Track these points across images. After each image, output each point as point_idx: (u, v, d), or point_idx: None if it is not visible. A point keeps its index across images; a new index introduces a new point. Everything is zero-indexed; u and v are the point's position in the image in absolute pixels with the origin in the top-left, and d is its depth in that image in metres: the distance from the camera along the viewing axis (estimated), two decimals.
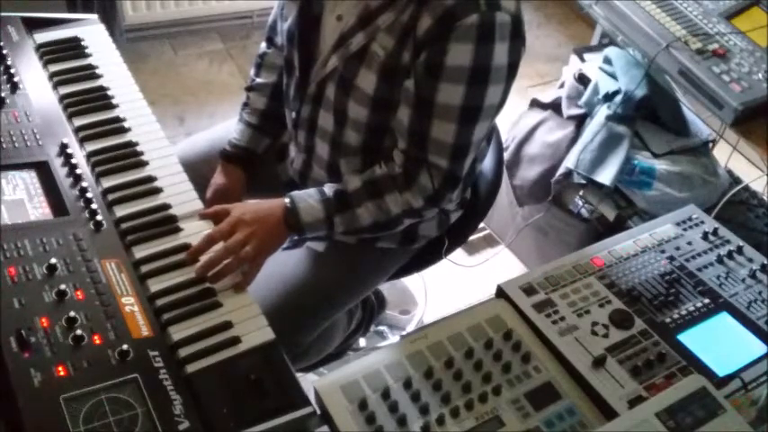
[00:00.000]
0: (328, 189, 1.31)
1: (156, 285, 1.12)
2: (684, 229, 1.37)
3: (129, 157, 1.32)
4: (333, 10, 1.29)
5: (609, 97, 2.11)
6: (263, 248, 1.23)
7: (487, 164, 1.61)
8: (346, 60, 1.26)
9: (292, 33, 1.36)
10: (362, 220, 1.30)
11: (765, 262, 1.32)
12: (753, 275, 1.29)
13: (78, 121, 1.37)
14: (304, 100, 1.37)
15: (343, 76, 1.28)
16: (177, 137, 2.58)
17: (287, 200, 1.29)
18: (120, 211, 1.22)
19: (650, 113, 2.13)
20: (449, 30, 1.16)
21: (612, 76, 2.17)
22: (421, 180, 1.28)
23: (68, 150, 1.29)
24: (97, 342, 1.01)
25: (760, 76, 1.84)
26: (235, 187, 1.49)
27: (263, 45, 1.55)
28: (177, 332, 1.06)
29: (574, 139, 2.16)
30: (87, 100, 1.41)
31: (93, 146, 1.32)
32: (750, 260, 1.33)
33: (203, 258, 1.17)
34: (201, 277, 1.15)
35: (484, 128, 1.28)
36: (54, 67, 1.46)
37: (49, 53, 1.49)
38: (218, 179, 1.49)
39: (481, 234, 2.53)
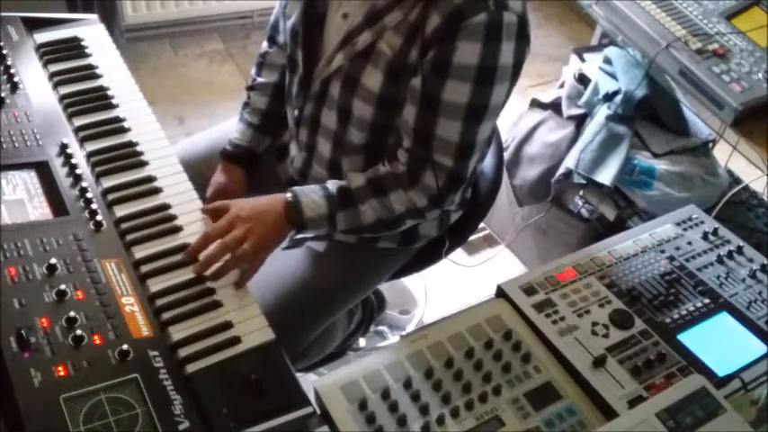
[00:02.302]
0: (331, 185, 1.30)
1: (156, 285, 1.12)
2: (684, 229, 1.37)
3: (129, 157, 1.32)
4: (338, 8, 1.29)
5: (609, 97, 2.11)
6: (261, 245, 1.22)
7: (487, 164, 1.61)
8: (352, 59, 1.26)
9: (296, 31, 1.35)
10: (366, 218, 1.29)
11: (765, 262, 1.32)
12: (753, 275, 1.29)
13: (78, 121, 1.37)
14: (307, 98, 1.36)
15: (348, 74, 1.27)
16: (177, 137, 2.57)
17: (289, 195, 1.28)
18: (120, 211, 1.22)
19: (650, 113, 2.13)
20: (457, 28, 1.16)
21: (612, 76, 2.17)
22: (425, 179, 1.28)
23: (68, 150, 1.29)
24: (97, 342, 1.01)
25: (760, 76, 1.84)
26: (235, 186, 1.49)
27: (265, 44, 1.55)
28: (177, 332, 1.06)
29: (574, 139, 2.16)
30: (87, 100, 1.41)
31: (93, 146, 1.32)
32: (750, 260, 1.33)
33: (201, 257, 1.17)
34: (200, 276, 1.15)
35: (488, 127, 1.28)
36: (54, 67, 1.46)
37: (49, 53, 1.49)
38: (218, 178, 1.49)
39: (481, 234, 2.53)
